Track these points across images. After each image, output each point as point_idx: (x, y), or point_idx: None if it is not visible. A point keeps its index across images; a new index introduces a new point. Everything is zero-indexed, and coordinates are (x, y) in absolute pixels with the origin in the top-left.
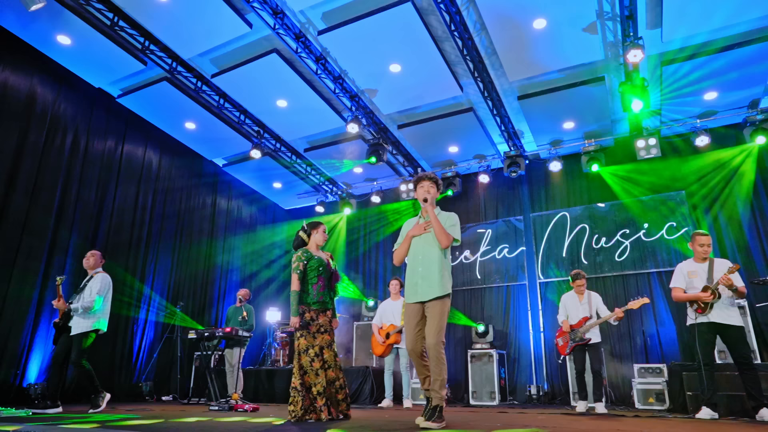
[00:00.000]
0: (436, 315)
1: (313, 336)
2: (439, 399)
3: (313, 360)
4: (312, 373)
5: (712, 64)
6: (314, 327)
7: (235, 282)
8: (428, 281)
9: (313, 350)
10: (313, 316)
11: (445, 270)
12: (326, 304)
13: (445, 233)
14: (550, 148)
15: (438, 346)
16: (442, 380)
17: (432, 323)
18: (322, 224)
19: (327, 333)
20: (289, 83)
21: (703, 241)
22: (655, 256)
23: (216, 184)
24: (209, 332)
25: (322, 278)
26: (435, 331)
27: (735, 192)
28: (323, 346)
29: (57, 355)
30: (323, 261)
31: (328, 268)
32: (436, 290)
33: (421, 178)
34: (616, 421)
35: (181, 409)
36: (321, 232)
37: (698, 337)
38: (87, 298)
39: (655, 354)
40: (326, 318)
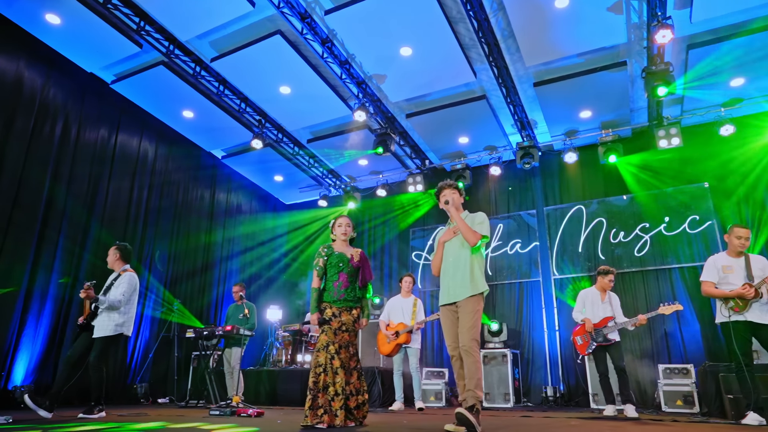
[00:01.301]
0: (468, 313)
1: (335, 333)
2: (475, 399)
3: (333, 357)
4: (331, 372)
5: (741, 47)
6: (336, 323)
7: (235, 279)
8: (459, 282)
9: (333, 347)
10: (336, 313)
11: (477, 269)
12: (350, 302)
13: (471, 231)
14: (564, 139)
15: (472, 344)
16: (478, 380)
17: (464, 321)
18: (340, 217)
19: (347, 333)
20: (293, 68)
21: (741, 233)
22: (676, 251)
23: (215, 177)
24: (209, 331)
25: (344, 274)
26: (467, 328)
27: (762, 184)
28: (342, 345)
29: (71, 355)
30: (345, 257)
31: (351, 264)
32: (467, 289)
33: (441, 187)
34: (659, 426)
35: (180, 414)
36: (336, 226)
37: (735, 336)
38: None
39: (678, 354)
40: (350, 316)
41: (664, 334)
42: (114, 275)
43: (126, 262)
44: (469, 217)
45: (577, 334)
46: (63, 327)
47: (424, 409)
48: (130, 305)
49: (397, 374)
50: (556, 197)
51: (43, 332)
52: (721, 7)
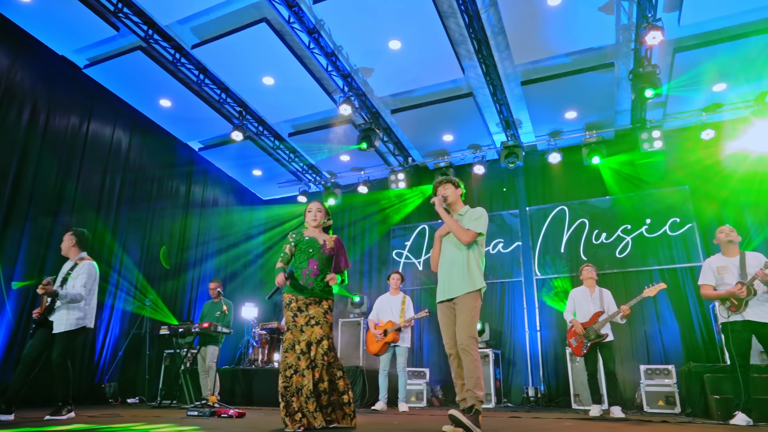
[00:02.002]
0: (465, 310)
1: (301, 330)
2: (474, 399)
3: (299, 358)
4: (299, 374)
5: (726, 52)
6: (303, 318)
7: (209, 275)
8: (456, 278)
9: (299, 346)
10: (301, 307)
11: (473, 265)
12: (319, 293)
13: (463, 231)
14: (549, 139)
15: (469, 342)
16: (477, 379)
17: (461, 319)
18: (311, 203)
19: (319, 326)
20: (278, 58)
21: (722, 229)
22: (657, 253)
23: (191, 170)
24: (184, 328)
25: (314, 261)
26: (464, 326)
27: (742, 189)
28: (312, 341)
29: (28, 354)
30: (316, 242)
31: (322, 250)
32: (464, 286)
33: (438, 182)
34: (652, 427)
35: (155, 415)
36: (306, 212)
37: (732, 336)
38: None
39: (657, 354)
40: (320, 309)
41: (644, 335)
42: (70, 264)
43: (82, 250)
44: (468, 213)
45: (570, 337)
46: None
47: (407, 411)
48: (90, 296)
49: (383, 373)
50: (539, 197)
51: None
52: (710, 11)
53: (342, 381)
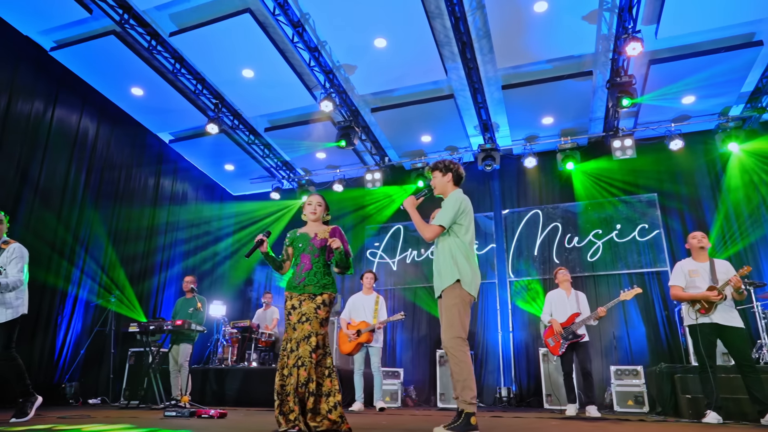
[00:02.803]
0: (445, 308)
1: (294, 328)
2: (463, 404)
3: (288, 356)
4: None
5: (697, 66)
6: (295, 316)
7: (177, 271)
8: (437, 273)
9: (290, 344)
10: (295, 304)
11: (452, 258)
12: (312, 288)
13: (425, 226)
14: (525, 144)
15: (453, 343)
16: (464, 381)
17: (443, 318)
18: (310, 196)
19: (308, 323)
20: (259, 50)
21: (694, 234)
22: (626, 258)
23: (160, 162)
24: (155, 325)
25: (306, 256)
26: (446, 326)
27: (706, 199)
28: (300, 339)
29: None
30: (307, 236)
31: (312, 243)
32: (443, 281)
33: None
34: (634, 426)
35: (131, 416)
36: (306, 204)
37: (701, 338)
38: (12, 274)
39: (624, 355)
40: (312, 304)
41: (612, 337)
42: None
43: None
44: (443, 203)
45: (548, 336)
46: None
47: (385, 408)
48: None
49: (358, 374)
50: (513, 201)
51: None
52: (685, 26)
53: (329, 381)
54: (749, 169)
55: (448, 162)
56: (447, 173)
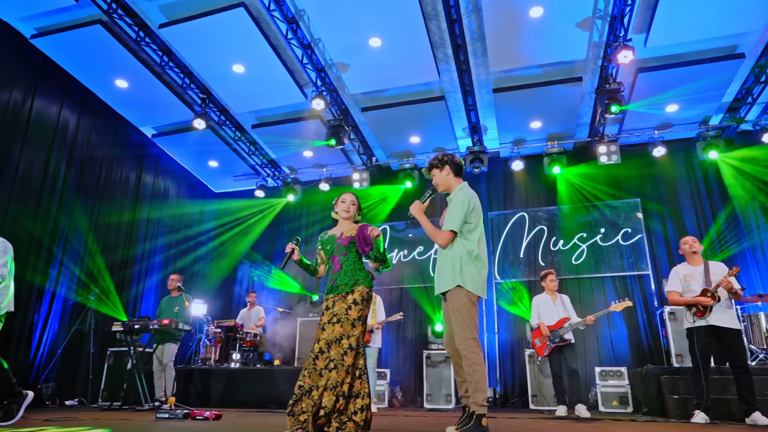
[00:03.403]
0: (454, 309)
1: (323, 328)
2: (474, 405)
3: (317, 357)
4: (315, 374)
5: (682, 76)
6: (326, 316)
7: (157, 269)
8: (441, 272)
9: (318, 345)
10: (329, 305)
11: (458, 260)
12: (341, 288)
13: (436, 233)
14: (512, 147)
15: (467, 343)
16: (477, 383)
17: (453, 319)
18: (345, 194)
19: (339, 324)
20: (252, 46)
21: (686, 240)
22: (609, 262)
23: (142, 157)
24: (141, 324)
25: (335, 257)
26: (458, 327)
27: (687, 205)
28: (331, 341)
29: None
30: (333, 237)
31: (338, 243)
32: (447, 282)
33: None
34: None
35: (122, 417)
36: (339, 202)
37: (697, 341)
38: None
39: (607, 357)
40: (344, 304)
41: (596, 339)
42: None
43: None
44: (449, 204)
45: (535, 337)
46: None
47: (377, 411)
48: (9, 276)
49: None
50: (500, 203)
51: None
52: (674, 36)
53: (359, 382)
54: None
55: (440, 156)
56: (443, 167)
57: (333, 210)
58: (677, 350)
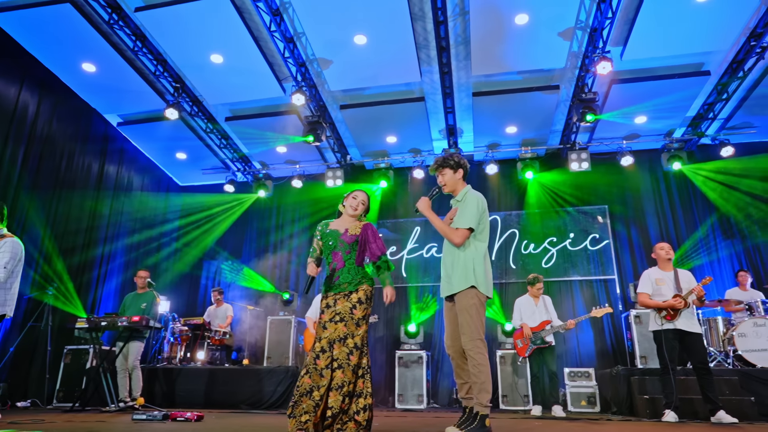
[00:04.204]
0: (463, 309)
1: (324, 326)
2: (479, 406)
3: (318, 356)
4: (315, 374)
5: (652, 89)
6: (327, 315)
7: (118, 264)
8: (453, 273)
9: (319, 344)
10: (330, 302)
11: (471, 260)
12: (344, 287)
13: (451, 232)
14: (487, 151)
15: (473, 344)
16: (482, 384)
17: (461, 320)
18: (359, 191)
19: (343, 323)
20: (234, 36)
21: (663, 246)
22: (577, 266)
23: (106, 146)
24: (108, 321)
25: (338, 253)
26: (466, 327)
27: (650, 213)
28: (334, 339)
29: None
30: (337, 232)
31: (342, 239)
32: (459, 283)
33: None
34: (608, 425)
35: (98, 420)
36: (350, 198)
37: (665, 343)
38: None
39: (573, 358)
40: (347, 303)
41: (563, 340)
42: None
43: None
44: (461, 204)
45: (517, 338)
46: None
47: None
48: (13, 278)
49: None
50: None
51: None
52: (649, 50)
53: (361, 382)
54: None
55: (457, 158)
56: (458, 169)
57: (342, 203)
58: (642, 352)
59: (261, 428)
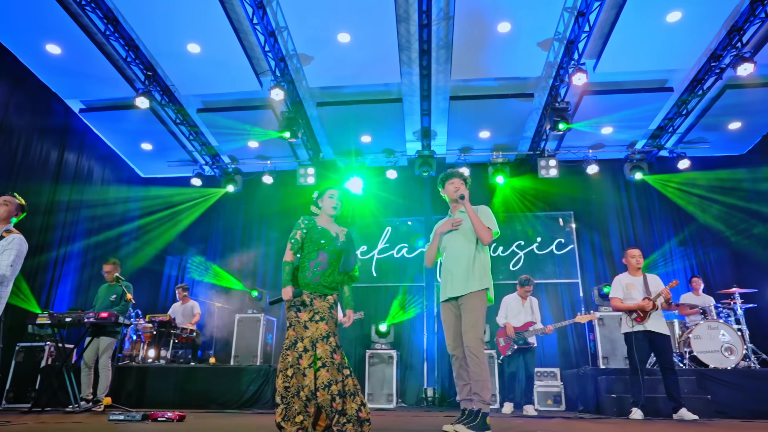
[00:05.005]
0: (472, 309)
1: (304, 326)
2: (482, 403)
3: (300, 356)
4: (299, 374)
5: (620, 102)
6: (306, 314)
7: (75, 258)
8: (461, 276)
9: (302, 344)
10: (307, 301)
11: (480, 264)
12: (325, 288)
13: (485, 228)
14: (459, 154)
15: (477, 343)
16: (484, 381)
17: (467, 319)
18: (332, 190)
19: (324, 322)
20: (214, 26)
21: (633, 253)
22: (543, 269)
23: (66, 133)
24: (73, 317)
25: (324, 254)
26: (470, 327)
27: (612, 219)
28: (317, 338)
29: None
30: (329, 233)
31: (335, 243)
32: (471, 285)
33: (451, 174)
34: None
35: (75, 422)
36: (327, 197)
37: (636, 344)
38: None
39: (538, 358)
40: (325, 303)
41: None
42: None
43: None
44: (479, 212)
45: (500, 336)
46: None
47: None
48: (12, 276)
49: None
50: (443, 207)
51: None
52: (621, 65)
53: (350, 380)
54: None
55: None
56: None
57: (317, 202)
58: (604, 353)
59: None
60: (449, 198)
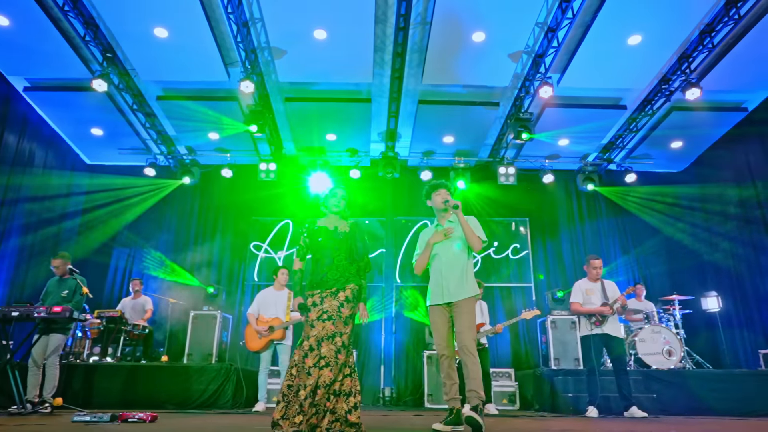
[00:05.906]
0: (467, 313)
1: (311, 325)
2: (478, 399)
3: (306, 355)
4: (303, 373)
5: (578, 116)
6: (315, 313)
7: (11, 250)
8: (456, 283)
9: (308, 342)
10: (317, 301)
11: (471, 271)
12: (332, 283)
13: (477, 237)
14: (422, 158)
15: (471, 342)
16: (479, 379)
17: (464, 321)
18: (334, 189)
19: (331, 321)
20: (185, 11)
21: (596, 264)
22: (499, 272)
23: (6, 112)
24: (21, 311)
25: (326, 249)
26: (467, 328)
27: (562, 226)
28: (322, 338)
29: None
30: (327, 228)
31: (333, 237)
32: (465, 290)
33: (438, 185)
34: (543, 422)
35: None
36: (331, 197)
37: (593, 346)
38: None
39: (492, 359)
40: (335, 301)
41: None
42: None
43: None
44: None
45: None
46: None
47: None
48: None
49: (264, 373)
50: (404, 209)
51: None
52: (582, 81)
53: (349, 380)
54: (596, 207)
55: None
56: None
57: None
58: (556, 355)
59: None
60: (436, 207)
